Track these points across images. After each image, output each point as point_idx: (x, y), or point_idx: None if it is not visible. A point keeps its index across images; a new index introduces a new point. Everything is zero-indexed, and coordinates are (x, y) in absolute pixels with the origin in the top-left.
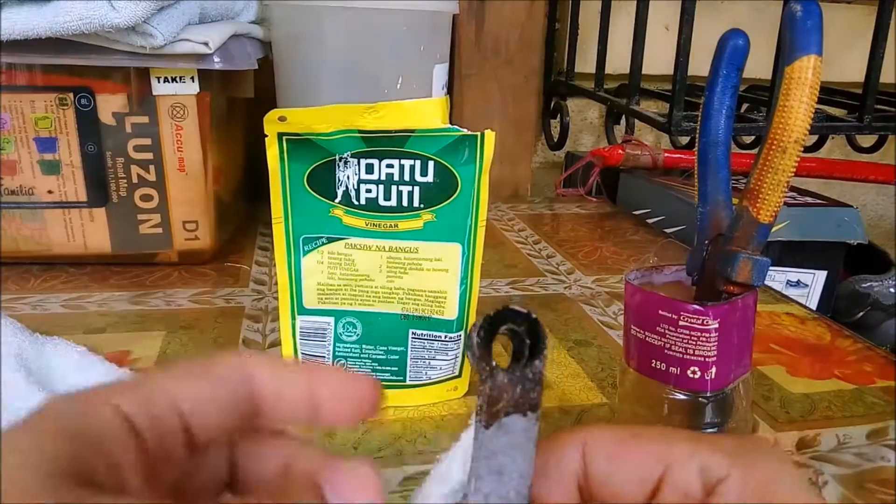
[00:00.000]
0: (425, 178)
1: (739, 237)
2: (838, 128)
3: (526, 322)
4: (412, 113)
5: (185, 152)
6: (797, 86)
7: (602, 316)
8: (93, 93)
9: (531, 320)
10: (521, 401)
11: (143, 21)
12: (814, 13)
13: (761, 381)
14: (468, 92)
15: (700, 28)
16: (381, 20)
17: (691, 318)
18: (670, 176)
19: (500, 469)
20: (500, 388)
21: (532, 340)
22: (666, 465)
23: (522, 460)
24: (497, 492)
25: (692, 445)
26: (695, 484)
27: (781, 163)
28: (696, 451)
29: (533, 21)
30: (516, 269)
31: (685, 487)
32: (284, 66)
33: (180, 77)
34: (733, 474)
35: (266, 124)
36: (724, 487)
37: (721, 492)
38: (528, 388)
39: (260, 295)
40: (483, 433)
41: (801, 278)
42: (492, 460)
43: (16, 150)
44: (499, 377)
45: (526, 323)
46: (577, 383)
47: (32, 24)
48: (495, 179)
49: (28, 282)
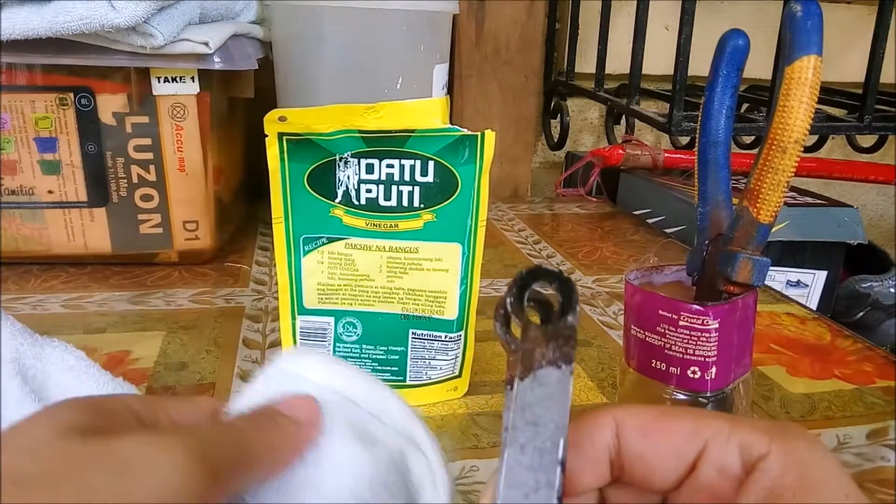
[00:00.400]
0: (425, 178)
1: (739, 237)
2: (838, 128)
3: (557, 280)
4: (412, 113)
5: (186, 152)
6: (797, 86)
7: (602, 316)
8: (93, 93)
9: (563, 279)
10: (556, 354)
11: (143, 21)
12: (814, 13)
13: (761, 381)
14: (468, 92)
15: (700, 28)
16: (381, 20)
17: (691, 318)
18: (670, 176)
19: (535, 420)
20: (534, 341)
21: (565, 297)
22: (704, 442)
23: (557, 412)
24: (533, 442)
25: (731, 424)
26: (734, 461)
27: (781, 163)
28: (734, 428)
29: (533, 21)
30: (516, 269)
31: (724, 464)
32: (284, 66)
33: (180, 77)
34: (774, 451)
35: (266, 124)
36: (765, 464)
37: (763, 468)
38: (562, 342)
39: (260, 295)
40: (519, 384)
41: (801, 278)
42: (527, 411)
43: (16, 150)
44: (533, 332)
45: (557, 281)
46: (577, 383)
47: (32, 24)
48: (495, 179)
49: (28, 282)
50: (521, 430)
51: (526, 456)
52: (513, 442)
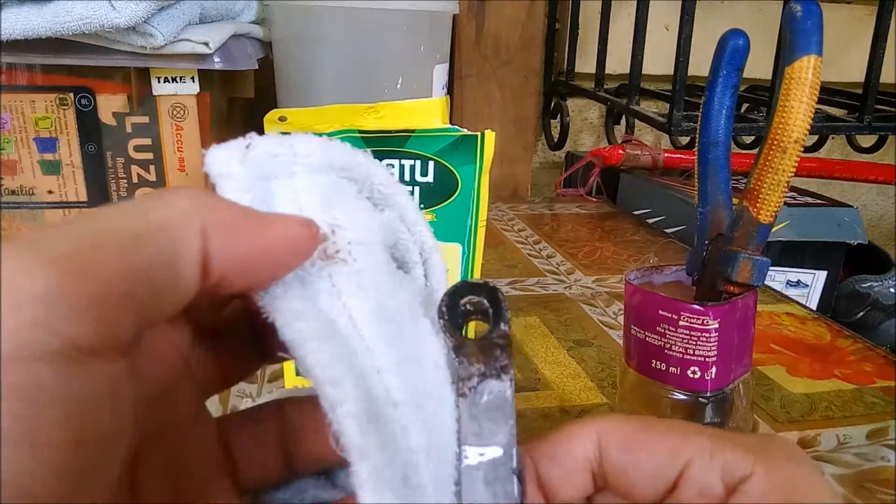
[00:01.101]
0: (425, 178)
1: (739, 237)
2: (838, 128)
3: (484, 291)
4: (412, 113)
5: (186, 152)
6: (797, 86)
7: (602, 316)
8: (93, 93)
9: (489, 288)
10: (493, 365)
11: (143, 21)
12: (814, 13)
13: (761, 381)
14: (468, 92)
15: (700, 28)
16: (381, 20)
17: (691, 318)
18: (670, 176)
19: (483, 433)
20: (470, 356)
21: (494, 307)
22: (685, 461)
23: (503, 421)
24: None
25: (713, 442)
26: (716, 482)
27: (781, 163)
28: (717, 447)
29: (533, 21)
30: (516, 269)
31: (705, 485)
32: (284, 66)
33: (180, 77)
34: (757, 472)
35: (266, 124)
36: (747, 486)
37: (745, 490)
38: (498, 352)
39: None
40: (462, 402)
41: (801, 278)
42: (474, 425)
43: (16, 150)
44: (467, 346)
45: (484, 291)
46: (577, 383)
47: (32, 24)
48: (495, 179)
49: None
50: (472, 444)
51: (480, 471)
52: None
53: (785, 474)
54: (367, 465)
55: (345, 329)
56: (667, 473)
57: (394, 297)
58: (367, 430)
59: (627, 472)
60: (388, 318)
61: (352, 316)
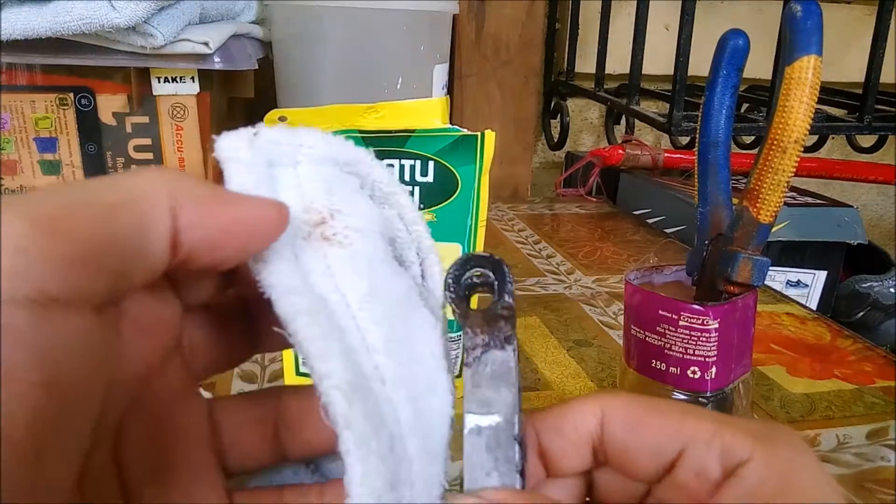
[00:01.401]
0: (425, 178)
1: (739, 237)
2: (838, 128)
3: (490, 263)
4: (412, 113)
5: (186, 152)
6: (797, 86)
7: (602, 316)
8: (93, 93)
9: (495, 261)
10: (497, 335)
11: (143, 21)
12: (814, 13)
13: (761, 381)
14: (468, 92)
15: (700, 28)
16: (381, 20)
17: (691, 318)
18: (670, 176)
19: (487, 401)
20: (475, 326)
21: (499, 279)
22: (685, 443)
23: (507, 391)
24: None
25: (714, 425)
26: (714, 465)
27: (781, 163)
28: (718, 431)
29: (533, 21)
30: (516, 269)
31: (703, 467)
32: (284, 66)
33: (180, 77)
34: (755, 457)
35: (266, 124)
36: (745, 470)
37: (742, 474)
38: (502, 322)
39: None
40: (466, 371)
41: (801, 278)
42: (478, 393)
43: (16, 150)
44: (472, 318)
45: (490, 264)
46: (577, 383)
47: (32, 24)
48: (495, 179)
49: None
50: (475, 412)
51: (483, 437)
52: (470, 424)
53: (783, 461)
54: (353, 434)
55: (337, 307)
56: (666, 453)
57: (389, 284)
58: (353, 399)
59: (628, 449)
60: (382, 302)
61: (344, 296)
